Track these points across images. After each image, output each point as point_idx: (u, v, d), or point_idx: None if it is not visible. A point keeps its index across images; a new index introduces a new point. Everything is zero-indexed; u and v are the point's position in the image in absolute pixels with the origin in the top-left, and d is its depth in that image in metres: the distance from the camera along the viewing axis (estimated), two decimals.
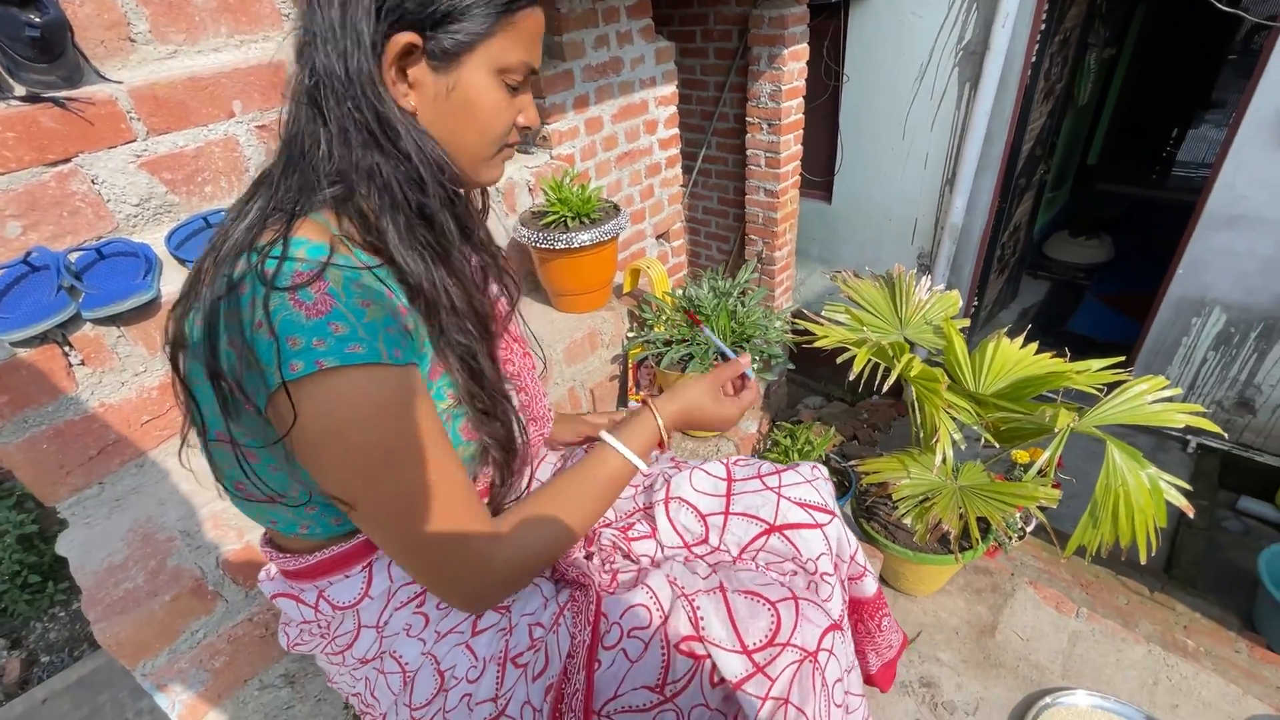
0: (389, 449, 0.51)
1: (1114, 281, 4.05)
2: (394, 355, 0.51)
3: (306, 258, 0.50)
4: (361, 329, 0.48)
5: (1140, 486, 0.93)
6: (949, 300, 1.27)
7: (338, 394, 0.48)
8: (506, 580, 0.59)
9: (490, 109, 0.58)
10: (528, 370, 0.76)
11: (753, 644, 0.64)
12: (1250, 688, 1.23)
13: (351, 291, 0.50)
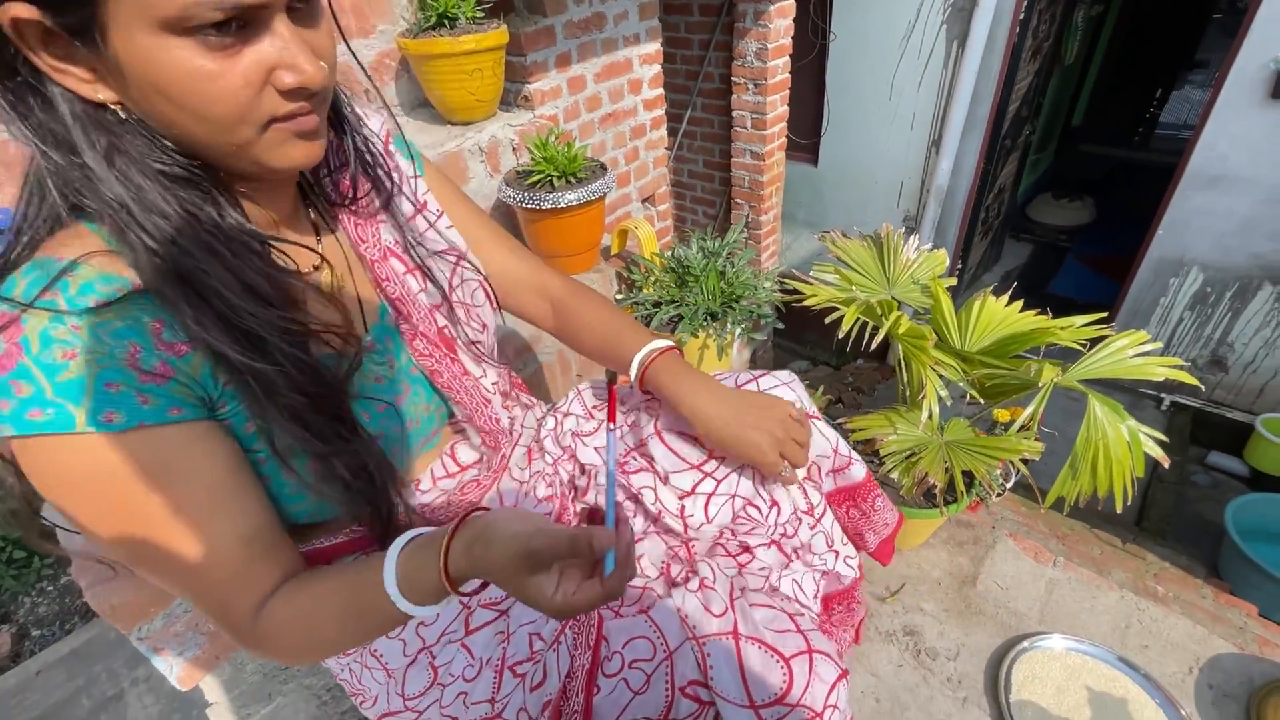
0: (111, 520, 0.46)
1: (1095, 243, 4.09)
2: (103, 420, 0.43)
3: (15, 301, 0.42)
4: (53, 389, 0.42)
5: (1119, 439, 0.95)
6: (936, 259, 1.28)
7: (30, 462, 0.44)
8: (273, 658, 0.54)
9: (186, 83, 0.41)
10: (459, 378, 0.70)
11: (761, 700, 0.61)
12: (1215, 629, 1.29)
13: (50, 341, 0.42)
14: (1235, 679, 1.18)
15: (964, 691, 1.19)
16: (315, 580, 0.54)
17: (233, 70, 0.42)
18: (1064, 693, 1.16)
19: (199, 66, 0.41)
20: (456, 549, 0.49)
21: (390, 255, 0.67)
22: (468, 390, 0.70)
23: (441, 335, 0.69)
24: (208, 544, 0.49)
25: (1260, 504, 2.42)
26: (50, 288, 0.42)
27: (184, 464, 0.48)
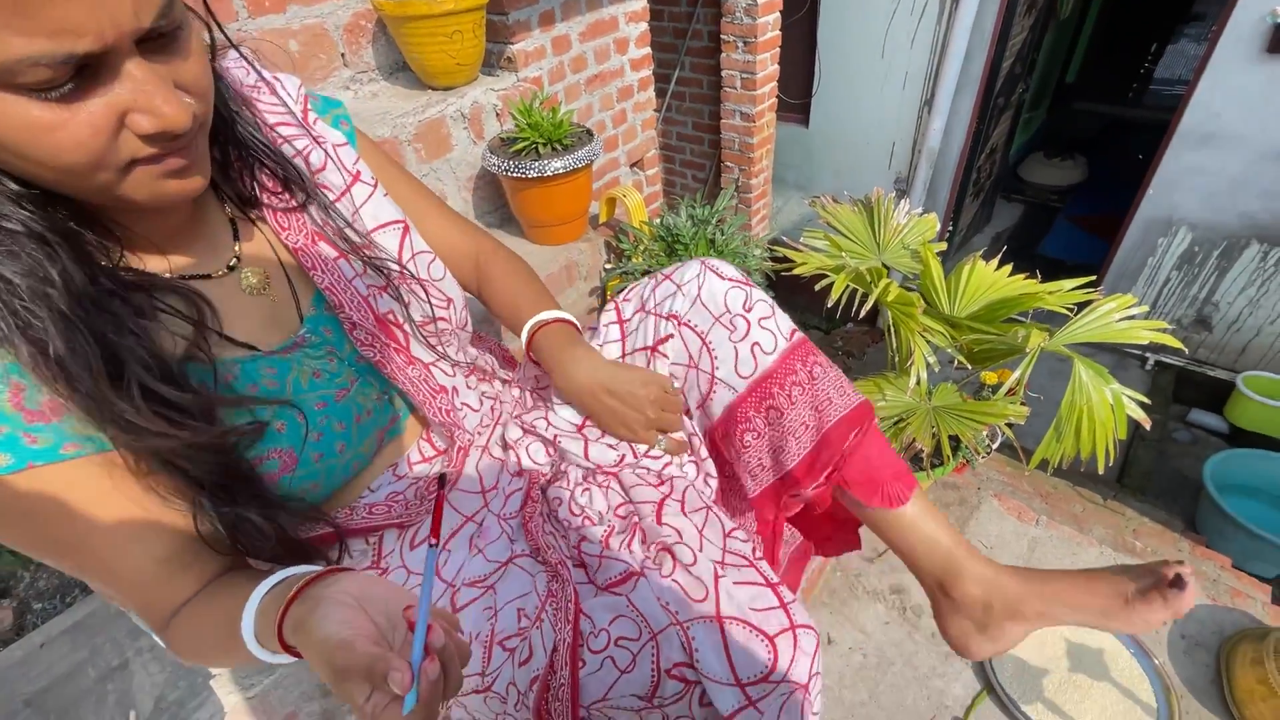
0: (27, 546, 0.46)
1: (1086, 203, 4.08)
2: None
3: None
4: None
5: (1103, 401, 0.96)
6: (926, 224, 1.27)
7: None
8: (184, 659, 0.54)
9: (23, 136, 0.36)
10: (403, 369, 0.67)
11: (747, 678, 0.61)
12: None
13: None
14: (1207, 629, 1.23)
15: (947, 646, 1.23)
16: (209, 600, 0.52)
17: (75, 120, 0.36)
18: (1043, 645, 1.20)
19: (35, 119, 0.35)
20: (289, 622, 0.43)
21: (319, 239, 0.62)
22: (414, 381, 0.68)
23: (382, 323, 0.65)
24: (122, 564, 0.49)
25: (1237, 459, 2.48)
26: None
27: (86, 497, 0.46)
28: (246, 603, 0.46)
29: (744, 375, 0.71)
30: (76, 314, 0.42)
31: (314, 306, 0.62)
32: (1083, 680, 1.15)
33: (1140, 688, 1.13)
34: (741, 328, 0.71)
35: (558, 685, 0.61)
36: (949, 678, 1.19)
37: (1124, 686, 1.14)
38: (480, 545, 0.71)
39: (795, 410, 0.70)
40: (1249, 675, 1.09)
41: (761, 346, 0.70)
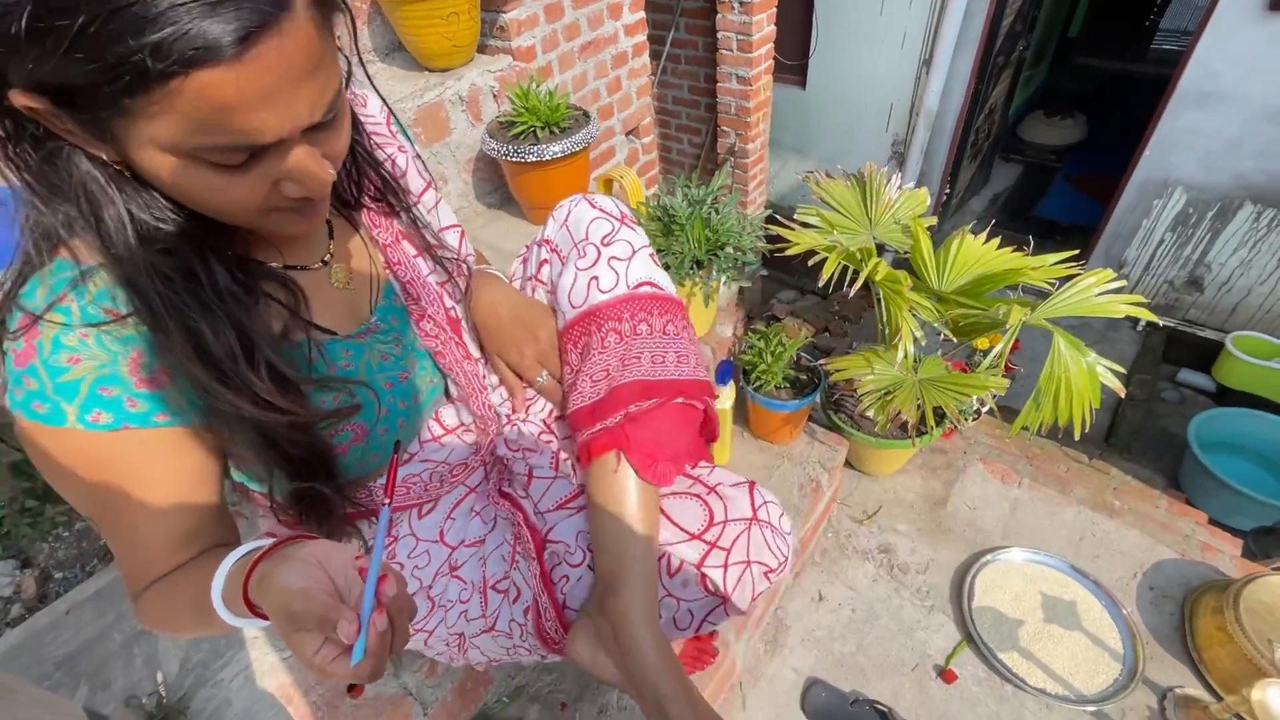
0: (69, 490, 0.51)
1: (1084, 163, 4.06)
2: (90, 419, 0.48)
3: (37, 304, 0.46)
4: (52, 388, 0.47)
5: (1080, 372, 1.01)
6: (918, 198, 1.30)
7: (26, 437, 0.49)
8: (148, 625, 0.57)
9: (190, 188, 0.44)
10: (459, 361, 0.72)
11: (697, 529, 0.71)
12: (1162, 537, 1.42)
13: (59, 346, 0.46)
14: (1175, 581, 1.31)
15: (931, 600, 1.31)
16: (183, 571, 0.55)
17: (239, 184, 0.44)
18: (1020, 598, 1.28)
19: (210, 181, 0.43)
20: (254, 578, 0.46)
21: (403, 238, 0.70)
22: (466, 375, 0.74)
23: (449, 317, 0.72)
24: (146, 531, 0.53)
25: (1222, 418, 2.55)
26: (67, 295, 0.46)
27: (151, 464, 0.52)
28: (218, 568, 0.49)
29: (575, 305, 0.71)
30: (218, 304, 0.49)
31: (384, 297, 0.68)
32: (1055, 630, 1.23)
33: (1109, 636, 1.22)
34: (590, 257, 0.71)
35: (543, 608, 0.69)
36: (932, 629, 1.27)
37: (1094, 635, 1.22)
38: (478, 509, 0.79)
39: (603, 355, 0.69)
40: (1209, 623, 1.17)
41: (599, 283, 0.70)
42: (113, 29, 0.34)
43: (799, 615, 1.31)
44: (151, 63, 0.35)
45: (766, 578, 0.71)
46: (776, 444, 1.37)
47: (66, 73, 0.36)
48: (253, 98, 0.39)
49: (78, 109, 0.39)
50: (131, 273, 0.46)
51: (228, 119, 0.39)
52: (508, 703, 1.04)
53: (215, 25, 0.35)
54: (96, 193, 0.44)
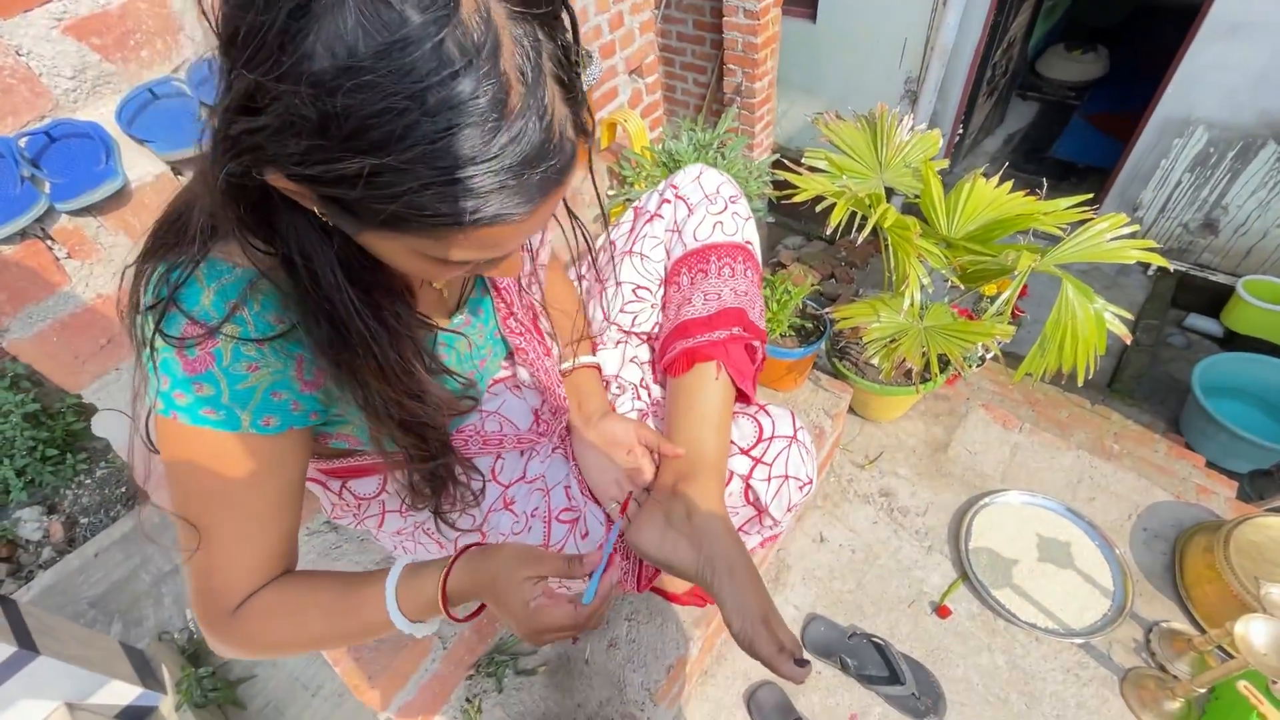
0: (208, 493, 0.52)
1: (1104, 100, 3.91)
2: (262, 424, 0.50)
3: (206, 310, 0.47)
4: (228, 394, 0.49)
5: (1088, 319, 1.01)
6: (929, 141, 1.26)
7: (181, 439, 0.50)
8: (228, 650, 0.57)
9: (416, 272, 0.47)
10: (540, 358, 0.78)
11: (747, 445, 0.81)
12: (1159, 480, 1.44)
13: (240, 356, 0.48)
14: (1168, 523, 1.34)
15: (929, 541, 1.36)
16: (306, 576, 0.59)
17: (446, 272, 0.47)
18: (1016, 539, 1.32)
19: (422, 269, 0.45)
20: (459, 564, 0.56)
21: None
22: (547, 371, 0.79)
23: (534, 312, 0.77)
24: (249, 541, 0.54)
25: (1226, 363, 2.55)
26: (241, 306, 0.48)
27: (286, 460, 0.54)
28: (386, 577, 0.56)
29: (698, 239, 0.82)
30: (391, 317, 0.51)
31: (474, 289, 0.72)
32: (1049, 569, 1.28)
33: (1100, 574, 1.26)
34: (719, 206, 0.82)
35: (623, 548, 0.78)
36: (928, 569, 1.31)
37: (1086, 573, 1.26)
38: (536, 449, 0.83)
39: (718, 281, 0.81)
40: (1199, 561, 1.21)
41: (723, 227, 0.82)
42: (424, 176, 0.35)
43: (800, 555, 1.36)
44: (449, 217, 0.38)
45: (800, 490, 0.81)
46: (781, 391, 1.38)
47: (351, 187, 0.36)
48: (521, 233, 0.42)
49: (337, 207, 0.39)
50: (333, 304, 0.47)
51: (486, 249, 0.42)
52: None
53: (517, 196, 0.38)
54: (308, 238, 0.45)
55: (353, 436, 0.62)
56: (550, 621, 0.53)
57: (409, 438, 0.57)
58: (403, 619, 0.55)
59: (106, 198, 0.84)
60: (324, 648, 0.61)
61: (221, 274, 0.48)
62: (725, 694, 1.18)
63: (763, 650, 0.62)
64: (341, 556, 1.06)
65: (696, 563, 0.69)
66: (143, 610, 2.05)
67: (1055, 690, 1.14)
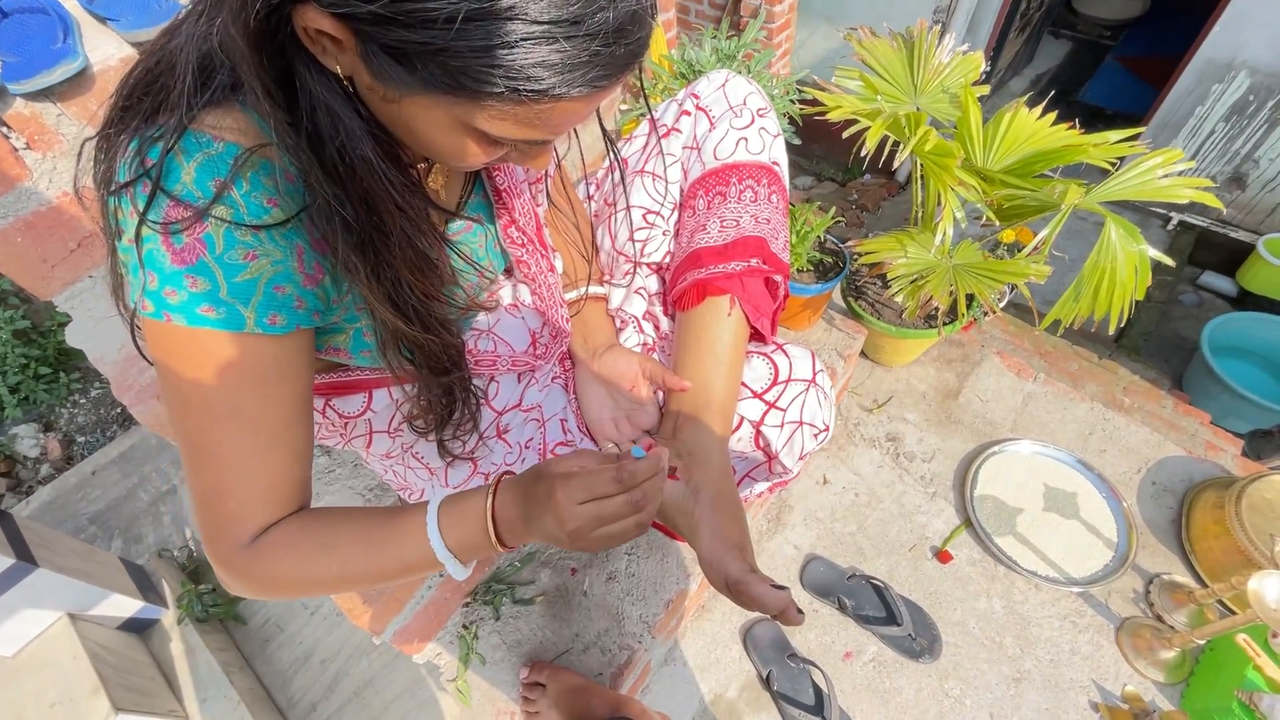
0: (210, 406, 0.46)
1: (1141, 42, 3.70)
2: (268, 322, 0.45)
3: (189, 189, 0.41)
4: (227, 288, 0.43)
5: (1129, 262, 0.95)
6: (971, 63, 1.16)
7: (176, 345, 0.44)
8: (244, 587, 0.51)
9: (437, 145, 0.43)
10: (543, 273, 0.71)
11: (761, 388, 0.76)
12: (1169, 435, 1.42)
13: (234, 242, 0.42)
14: (1178, 478, 1.32)
15: (934, 488, 1.34)
16: (331, 510, 0.53)
17: (485, 154, 0.44)
18: (1022, 488, 1.30)
19: (460, 145, 0.43)
20: (504, 488, 0.51)
21: None
22: (549, 288, 0.72)
23: (538, 223, 0.70)
24: (260, 463, 0.48)
25: (1235, 322, 2.51)
26: (230, 185, 0.42)
27: (295, 366, 0.49)
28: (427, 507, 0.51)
29: (719, 157, 0.74)
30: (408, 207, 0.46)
31: (474, 193, 0.66)
32: (1053, 518, 1.26)
33: (1105, 526, 1.25)
34: (745, 119, 0.74)
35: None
36: (931, 514, 1.30)
37: (1090, 524, 1.25)
38: (534, 376, 0.78)
39: (738, 205, 0.72)
40: (1207, 516, 1.19)
41: (748, 144, 0.73)
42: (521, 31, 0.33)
43: (803, 496, 1.34)
44: (535, 82, 0.36)
45: (814, 438, 0.76)
46: (794, 330, 1.33)
47: (430, 31, 0.33)
48: (583, 113, 0.41)
49: (391, 60, 0.36)
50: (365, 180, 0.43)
51: (546, 129, 0.41)
52: (519, 567, 1.08)
53: (604, 68, 0.37)
54: (334, 103, 0.40)
55: (343, 350, 0.57)
56: (600, 512, 0.47)
57: (431, 341, 0.52)
58: (447, 552, 0.49)
59: (65, 80, 0.76)
60: (352, 588, 0.55)
61: (204, 146, 0.41)
62: (721, 629, 1.18)
63: (732, 569, 0.59)
64: (334, 481, 1.03)
65: (680, 493, 0.66)
66: (142, 528, 2.06)
67: (1050, 636, 1.14)
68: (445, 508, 0.51)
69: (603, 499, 0.47)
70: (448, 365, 0.57)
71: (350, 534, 0.50)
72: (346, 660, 1.45)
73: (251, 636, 1.55)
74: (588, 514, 0.46)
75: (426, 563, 0.50)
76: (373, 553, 0.50)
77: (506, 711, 0.96)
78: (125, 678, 1.33)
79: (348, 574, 0.50)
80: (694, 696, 1.12)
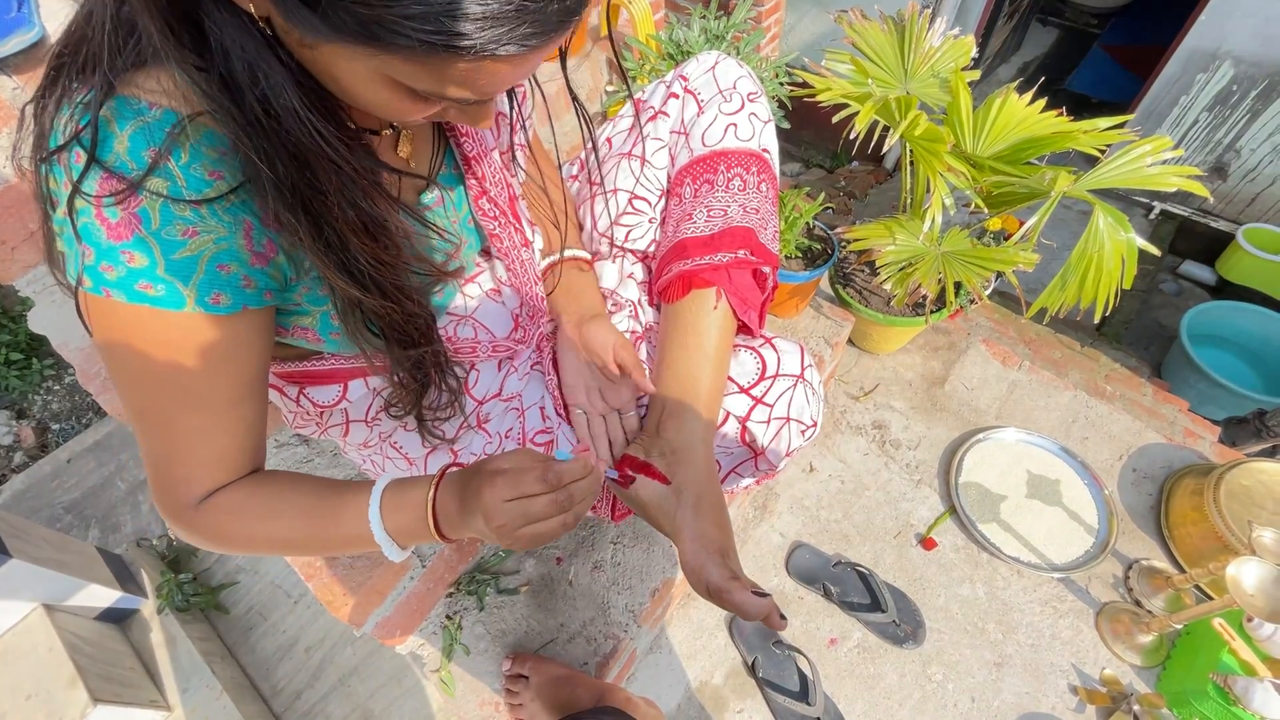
0: (156, 380, 0.45)
1: (1128, 30, 3.71)
2: (210, 301, 0.43)
3: (122, 159, 0.39)
4: (164, 265, 0.41)
5: (1116, 250, 0.95)
6: (962, 48, 1.15)
7: (117, 321, 0.42)
8: (190, 540, 0.53)
9: (364, 98, 0.40)
10: (517, 248, 0.68)
11: (747, 383, 0.73)
12: (1150, 423, 1.43)
13: (172, 217, 0.40)
14: (1158, 464, 1.34)
15: (919, 475, 1.34)
16: (283, 477, 0.54)
17: (420, 108, 0.41)
18: (1006, 475, 1.31)
19: (387, 100, 0.39)
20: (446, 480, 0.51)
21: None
22: (523, 263, 0.69)
23: (510, 195, 0.66)
24: (208, 434, 0.48)
25: (1216, 311, 2.54)
26: (164, 155, 0.39)
27: (247, 347, 0.47)
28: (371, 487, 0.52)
29: (707, 144, 0.71)
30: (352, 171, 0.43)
31: (444, 164, 0.62)
32: (1036, 505, 1.28)
33: (1087, 512, 1.26)
34: (735, 104, 0.71)
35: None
36: (916, 501, 1.31)
37: (1072, 511, 1.26)
38: (514, 364, 0.76)
39: (726, 194, 0.70)
40: (1185, 503, 1.21)
41: (737, 130, 0.71)
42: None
43: (789, 484, 1.34)
44: (450, 38, 0.32)
45: (802, 435, 0.74)
46: (781, 317, 1.32)
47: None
48: (514, 74, 0.38)
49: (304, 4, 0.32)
50: (294, 133, 0.39)
51: (473, 89, 0.38)
52: (504, 556, 1.07)
53: (531, 26, 0.34)
54: (249, 48, 0.36)
55: (310, 331, 0.54)
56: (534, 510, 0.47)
57: (390, 310, 0.50)
58: (385, 535, 0.51)
59: (20, 51, 0.72)
60: (295, 553, 0.57)
61: (139, 112, 0.39)
62: (707, 616, 1.18)
63: (713, 576, 0.58)
64: (313, 471, 1.01)
65: (662, 494, 0.64)
66: (120, 517, 2.02)
67: (1031, 621, 1.16)
68: (389, 492, 0.51)
69: (529, 497, 0.47)
70: (416, 338, 0.54)
71: (296, 505, 0.52)
72: (331, 648, 1.44)
73: (234, 625, 1.53)
74: (514, 511, 0.47)
75: (365, 541, 0.51)
76: (315, 525, 0.52)
77: (491, 702, 0.96)
78: (104, 668, 1.31)
79: (292, 540, 0.52)
80: (680, 683, 1.12)
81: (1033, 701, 1.08)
